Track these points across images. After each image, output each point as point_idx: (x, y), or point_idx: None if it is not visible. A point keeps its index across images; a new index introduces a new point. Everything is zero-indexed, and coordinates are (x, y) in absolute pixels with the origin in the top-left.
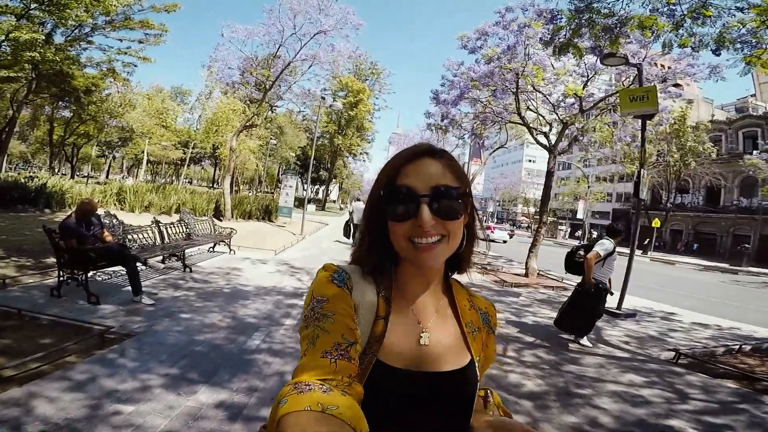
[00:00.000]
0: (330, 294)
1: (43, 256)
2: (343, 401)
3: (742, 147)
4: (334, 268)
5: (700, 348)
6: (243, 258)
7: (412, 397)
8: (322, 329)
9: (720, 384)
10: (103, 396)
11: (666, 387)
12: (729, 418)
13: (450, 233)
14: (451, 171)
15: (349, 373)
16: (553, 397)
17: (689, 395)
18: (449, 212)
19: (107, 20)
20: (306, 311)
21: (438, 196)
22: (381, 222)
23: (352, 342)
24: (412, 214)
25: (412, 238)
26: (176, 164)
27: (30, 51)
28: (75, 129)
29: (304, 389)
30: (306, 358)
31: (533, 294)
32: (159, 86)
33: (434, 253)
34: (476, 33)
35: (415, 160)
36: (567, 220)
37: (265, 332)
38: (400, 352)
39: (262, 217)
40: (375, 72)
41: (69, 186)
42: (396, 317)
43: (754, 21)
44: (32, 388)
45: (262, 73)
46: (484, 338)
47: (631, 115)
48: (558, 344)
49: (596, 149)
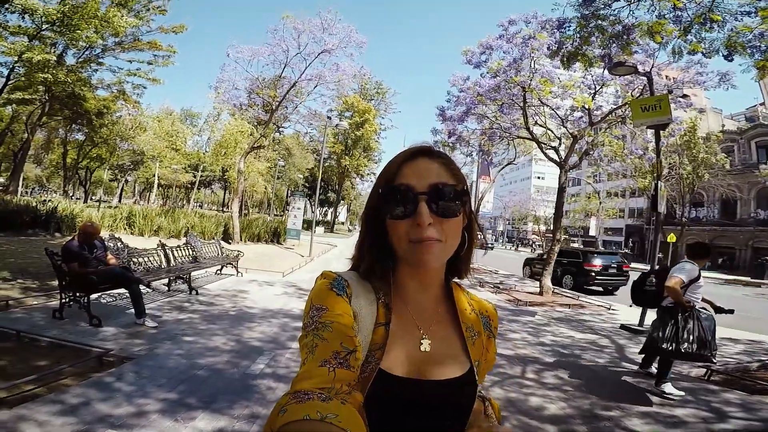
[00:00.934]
0: (328, 302)
1: (49, 279)
2: (342, 410)
3: (755, 157)
4: (333, 275)
5: (733, 364)
6: (250, 280)
7: (412, 405)
8: (320, 338)
9: (760, 401)
10: (95, 421)
11: (701, 405)
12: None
13: (448, 234)
14: (448, 170)
15: (349, 382)
16: (578, 421)
17: (728, 413)
18: (447, 210)
19: (117, 41)
20: (305, 320)
21: (436, 194)
22: (380, 223)
23: (351, 350)
24: (411, 212)
25: (411, 237)
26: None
27: (42, 72)
28: (88, 152)
29: (303, 398)
30: (305, 367)
31: (549, 313)
32: (169, 108)
33: (433, 251)
34: (480, 47)
35: (413, 159)
36: (579, 237)
37: (270, 356)
38: (401, 359)
39: (271, 240)
40: (380, 91)
41: (80, 210)
42: (396, 324)
43: (762, 25)
44: (22, 411)
45: (268, 93)
46: (485, 342)
47: (644, 125)
48: (580, 365)
49: (607, 163)
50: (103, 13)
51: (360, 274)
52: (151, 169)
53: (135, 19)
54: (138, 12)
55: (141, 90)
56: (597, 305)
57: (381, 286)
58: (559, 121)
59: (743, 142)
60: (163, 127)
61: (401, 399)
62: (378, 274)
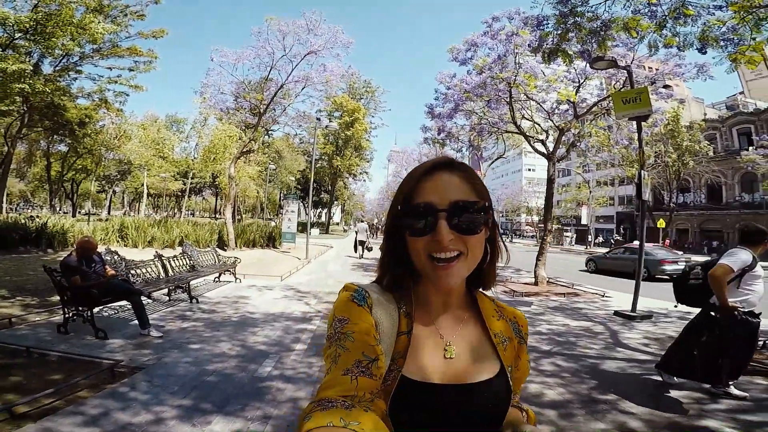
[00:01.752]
0: (350, 313)
1: (48, 295)
2: (365, 417)
3: (737, 144)
4: (354, 287)
5: None
6: (249, 286)
7: (440, 412)
8: (343, 348)
9: (751, 381)
10: (118, 430)
11: (694, 387)
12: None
13: (469, 249)
14: (470, 184)
15: (371, 390)
16: (577, 405)
17: (720, 394)
18: (468, 227)
19: (95, 48)
20: (329, 331)
21: (456, 211)
22: (400, 237)
23: (373, 359)
24: (431, 229)
25: (430, 254)
26: (177, 196)
27: (18, 82)
28: (72, 164)
29: (327, 406)
30: (329, 376)
31: (545, 302)
32: (154, 115)
33: (452, 270)
34: (466, 44)
35: (433, 173)
36: (572, 226)
37: (276, 359)
38: (425, 366)
39: (266, 244)
40: (369, 90)
41: (70, 225)
42: (419, 332)
43: (734, 18)
44: (47, 424)
45: (255, 97)
46: (516, 348)
47: (626, 117)
48: (576, 352)
49: (594, 154)
50: (79, 20)
51: (383, 286)
52: (139, 179)
53: (112, 25)
54: (115, 18)
55: (123, 97)
56: (591, 293)
57: (402, 297)
58: (546, 115)
59: (725, 130)
60: (149, 135)
61: (426, 405)
62: (400, 286)
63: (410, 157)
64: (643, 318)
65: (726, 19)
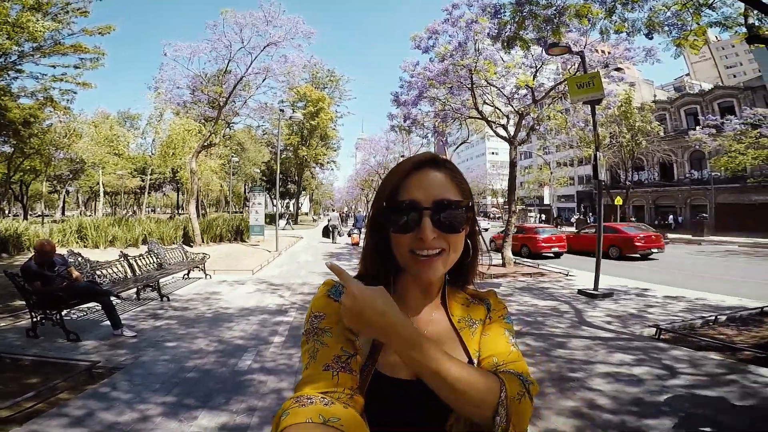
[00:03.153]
0: (327, 309)
1: (9, 300)
2: (344, 413)
3: (685, 124)
4: (332, 283)
5: (679, 322)
6: (220, 281)
7: (408, 407)
8: (321, 343)
9: (705, 356)
10: (106, 429)
11: (655, 363)
12: (722, 390)
13: (451, 246)
14: (454, 182)
15: (351, 385)
16: (548, 383)
17: (678, 370)
18: (451, 225)
19: (35, 47)
20: (306, 326)
21: (440, 209)
22: (383, 233)
23: (352, 354)
24: (414, 226)
25: (413, 250)
26: (136, 193)
27: None
28: (20, 165)
29: (305, 402)
30: (307, 372)
31: (513, 283)
32: (105, 112)
33: (434, 265)
34: (427, 32)
35: (418, 170)
36: (535, 206)
37: (255, 352)
38: (396, 361)
39: (234, 239)
40: (333, 79)
41: (24, 228)
42: None
43: (677, 4)
44: (33, 427)
45: (213, 90)
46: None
47: (581, 101)
48: (544, 331)
49: (553, 136)
50: (15, 19)
51: (364, 280)
52: (93, 177)
53: (53, 23)
54: (56, 15)
55: (71, 95)
56: (556, 272)
57: None
58: (506, 100)
59: (674, 110)
60: (101, 132)
61: (396, 400)
62: (381, 280)
63: (378, 145)
64: (605, 296)
65: (670, 5)
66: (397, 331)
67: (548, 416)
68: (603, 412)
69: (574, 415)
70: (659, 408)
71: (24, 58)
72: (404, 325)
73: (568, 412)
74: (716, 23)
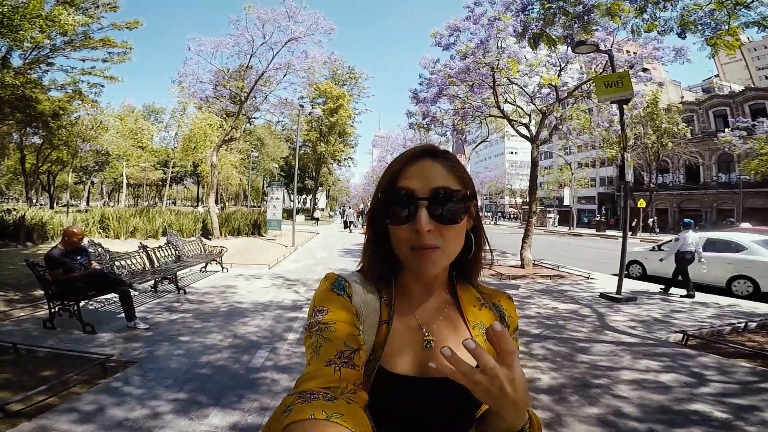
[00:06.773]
0: (330, 303)
1: (31, 289)
2: (347, 409)
3: (714, 126)
4: (335, 277)
5: (707, 328)
6: (237, 275)
7: (413, 404)
8: (324, 338)
9: (735, 364)
10: (115, 426)
11: (682, 370)
12: (754, 399)
13: (448, 238)
14: (453, 173)
15: (354, 381)
16: (570, 390)
17: (707, 377)
18: (448, 216)
19: (66, 40)
20: (309, 321)
21: (437, 199)
22: (382, 226)
23: (355, 349)
24: (411, 217)
25: (410, 243)
26: (157, 185)
27: None
28: (48, 156)
29: (308, 398)
30: (310, 367)
31: (531, 285)
32: (130, 105)
33: (431, 259)
34: (448, 29)
35: (416, 161)
36: (554, 207)
37: (269, 348)
38: (402, 357)
39: (252, 232)
40: (353, 76)
41: (49, 217)
42: (399, 322)
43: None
44: (43, 421)
45: (235, 85)
46: None
47: (608, 100)
48: (565, 335)
49: (576, 137)
50: (48, 12)
51: (365, 275)
52: (118, 169)
53: (84, 17)
54: (87, 9)
55: (98, 88)
56: (576, 275)
57: (383, 286)
58: (528, 99)
59: (702, 112)
60: (126, 125)
61: (401, 397)
62: (382, 275)
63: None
64: (628, 300)
65: (704, 4)
66: (522, 408)
67: (572, 423)
68: (629, 420)
69: (598, 422)
70: (688, 417)
71: (55, 52)
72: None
73: (593, 420)
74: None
